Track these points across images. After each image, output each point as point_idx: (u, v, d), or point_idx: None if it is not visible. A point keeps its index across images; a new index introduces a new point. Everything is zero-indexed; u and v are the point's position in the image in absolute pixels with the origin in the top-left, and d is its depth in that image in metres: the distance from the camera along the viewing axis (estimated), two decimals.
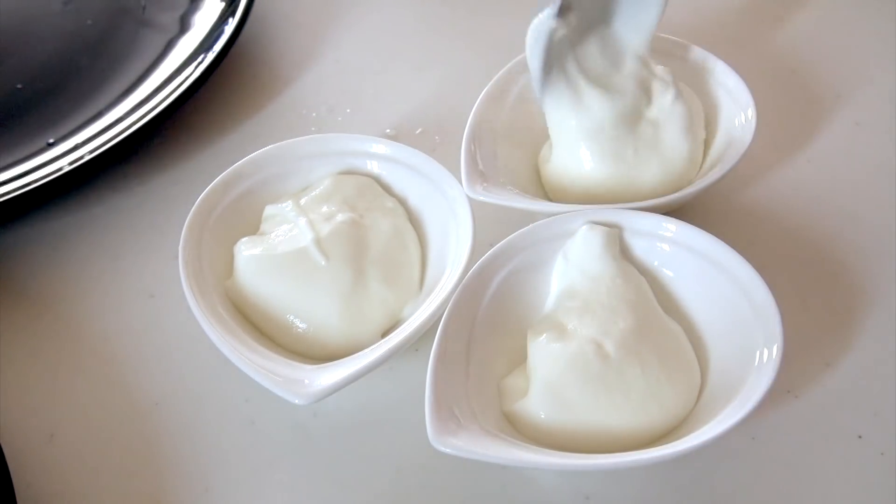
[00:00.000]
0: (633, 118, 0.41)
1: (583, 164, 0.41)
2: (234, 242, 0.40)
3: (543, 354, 0.34)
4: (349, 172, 0.43)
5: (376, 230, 0.39)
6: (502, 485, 0.35)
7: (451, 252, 0.38)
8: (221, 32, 0.52)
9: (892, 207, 0.43)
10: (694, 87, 0.45)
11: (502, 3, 0.58)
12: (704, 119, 0.44)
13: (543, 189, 0.43)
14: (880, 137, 0.47)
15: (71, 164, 0.46)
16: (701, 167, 0.42)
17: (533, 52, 0.40)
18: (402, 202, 0.42)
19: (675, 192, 0.40)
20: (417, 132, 0.49)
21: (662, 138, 0.41)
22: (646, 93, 0.41)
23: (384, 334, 0.37)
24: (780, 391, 0.36)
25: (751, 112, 0.41)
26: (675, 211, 0.40)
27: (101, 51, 0.54)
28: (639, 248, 0.38)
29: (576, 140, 0.41)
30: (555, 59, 0.40)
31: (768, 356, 0.32)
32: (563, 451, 0.31)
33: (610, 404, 0.33)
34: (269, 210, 0.41)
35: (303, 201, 0.40)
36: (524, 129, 0.44)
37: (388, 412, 0.37)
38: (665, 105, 0.41)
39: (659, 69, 0.42)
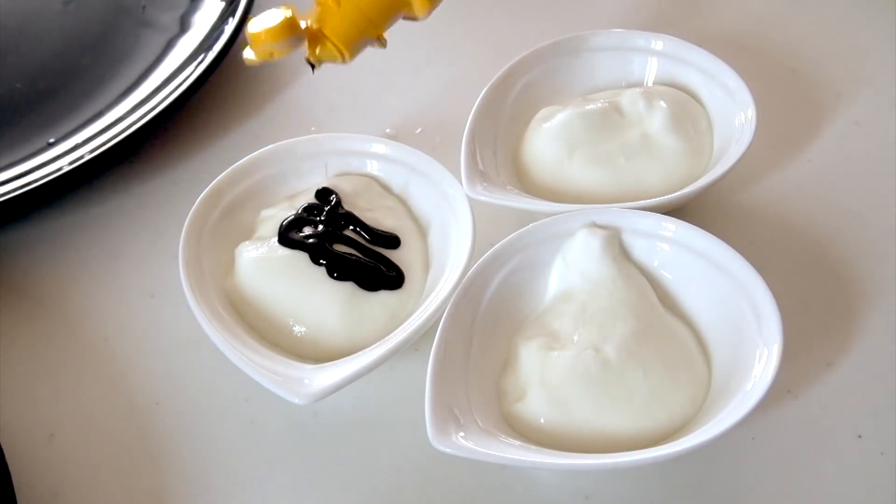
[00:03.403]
0: (610, 126, 0.42)
1: (564, 168, 0.42)
2: (235, 242, 0.40)
3: (536, 359, 0.34)
4: (349, 172, 0.43)
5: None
6: (502, 484, 0.35)
7: (451, 252, 0.38)
8: (221, 32, 0.52)
9: (892, 207, 0.43)
10: (694, 87, 0.45)
11: (502, 3, 0.58)
12: (706, 119, 0.44)
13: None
14: (880, 137, 0.47)
15: (71, 164, 0.46)
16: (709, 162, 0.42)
17: None
18: (403, 202, 0.42)
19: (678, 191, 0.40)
20: (417, 132, 0.49)
21: (653, 141, 0.42)
22: (615, 107, 0.43)
23: (384, 335, 0.37)
24: (780, 391, 0.36)
25: (751, 112, 0.41)
26: (675, 211, 0.39)
27: (101, 51, 0.54)
28: (638, 248, 0.38)
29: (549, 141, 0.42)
30: None
31: (768, 356, 0.32)
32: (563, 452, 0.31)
33: (613, 409, 0.33)
34: (265, 213, 0.41)
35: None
36: (524, 129, 0.44)
37: (388, 412, 0.37)
38: (641, 111, 0.42)
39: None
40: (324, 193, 0.40)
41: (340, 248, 0.38)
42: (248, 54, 0.36)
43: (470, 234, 0.37)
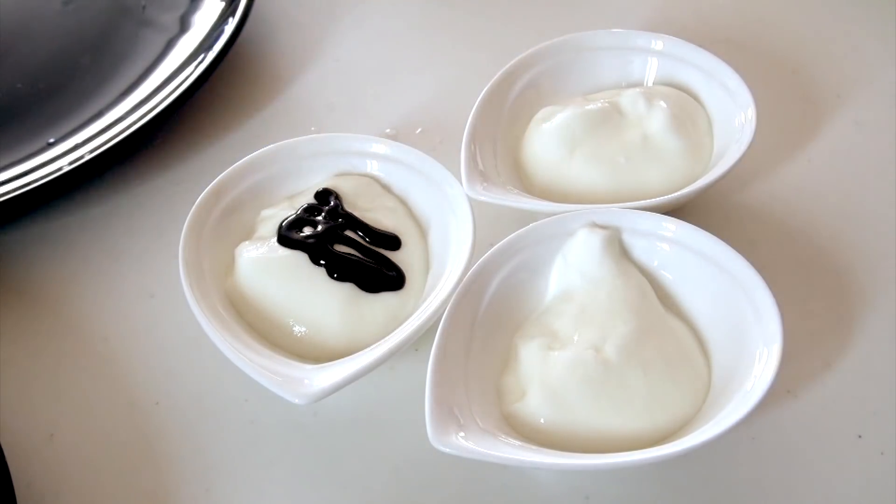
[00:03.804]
0: (610, 126, 0.42)
1: (564, 168, 0.42)
2: (235, 242, 0.40)
3: (536, 359, 0.34)
4: (349, 172, 0.43)
5: None
6: (502, 484, 0.35)
7: (451, 252, 0.38)
8: (221, 32, 0.52)
9: (892, 208, 0.43)
10: (694, 88, 0.45)
11: (502, 3, 0.58)
12: (706, 119, 0.44)
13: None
14: (880, 137, 0.47)
15: (71, 164, 0.46)
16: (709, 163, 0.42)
17: None
18: (403, 202, 0.42)
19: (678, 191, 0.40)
20: (417, 132, 0.49)
21: (654, 141, 0.42)
22: (615, 107, 0.43)
23: (384, 335, 0.37)
24: (779, 391, 0.36)
25: (751, 112, 0.41)
26: (675, 211, 0.40)
27: (101, 51, 0.54)
28: (639, 248, 0.38)
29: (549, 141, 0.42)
30: None
31: (768, 356, 0.32)
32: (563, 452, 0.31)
33: (613, 409, 0.33)
34: (265, 213, 0.41)
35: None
36: (524, 129, 0.44)
37: (387, 412, 0.37)
38: (641, 111, 0.42)
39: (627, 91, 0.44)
40: (324, 194, 0.40)
41: (340, 248, 0.38)
42: None
43: (470, 234, 0.37)
